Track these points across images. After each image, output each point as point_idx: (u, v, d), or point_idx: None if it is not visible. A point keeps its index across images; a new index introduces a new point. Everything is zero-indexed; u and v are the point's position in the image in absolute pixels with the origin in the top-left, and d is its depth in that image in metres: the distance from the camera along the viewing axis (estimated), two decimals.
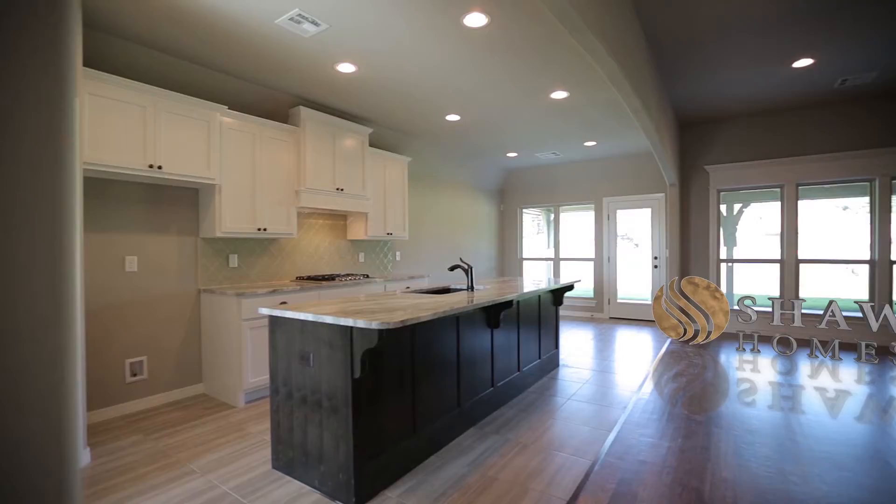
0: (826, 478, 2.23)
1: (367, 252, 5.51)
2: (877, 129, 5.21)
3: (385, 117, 4.99)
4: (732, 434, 2.76)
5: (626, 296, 7.29)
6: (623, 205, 7.25)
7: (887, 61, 4.20)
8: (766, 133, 5.79)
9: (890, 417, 3.07)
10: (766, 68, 4.30)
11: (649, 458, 2.44)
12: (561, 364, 4.44)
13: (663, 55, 4.02)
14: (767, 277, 6.01)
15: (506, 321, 3.33)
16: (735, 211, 6.42)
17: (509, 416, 3.08)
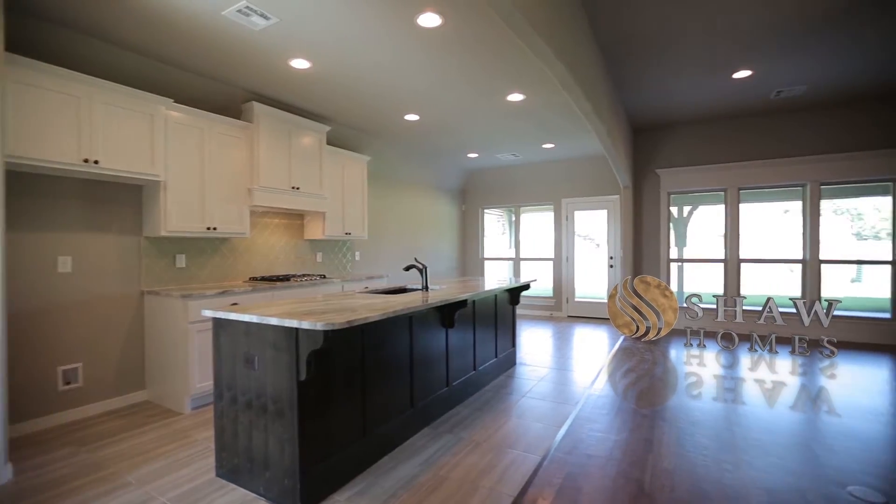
0: (755, 464, 2.37)
1: (326, 252, 5.41)
2: (807, 138, 5.59)
3: (343, 115, 4.92)
4: (675, 426, 2.89)
5: (584, 295, 7.50)
6: (581, 206, 7.46)
7: (814, 77, 4.51)
8: (712, 139, 6.11)
9: (819, 406, 3.30)
10: (709, 78, 4.53)
11: (596, 451, 2.52)
12: (518, 362, 4.52)
13: (615, 62, 4.16)
14: (715, 276, 6.33)
15: (461, 321, 3.35)
16: (685, 213, 6.73)
17: (464, 415, 3.10)
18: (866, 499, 2.03)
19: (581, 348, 5.30)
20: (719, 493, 2.09)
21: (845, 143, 5.41)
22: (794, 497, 2.05)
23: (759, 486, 2.15)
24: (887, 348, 5.11)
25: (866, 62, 4.19)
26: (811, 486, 2.14)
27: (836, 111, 5.43)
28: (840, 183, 5.53)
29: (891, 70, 4.36)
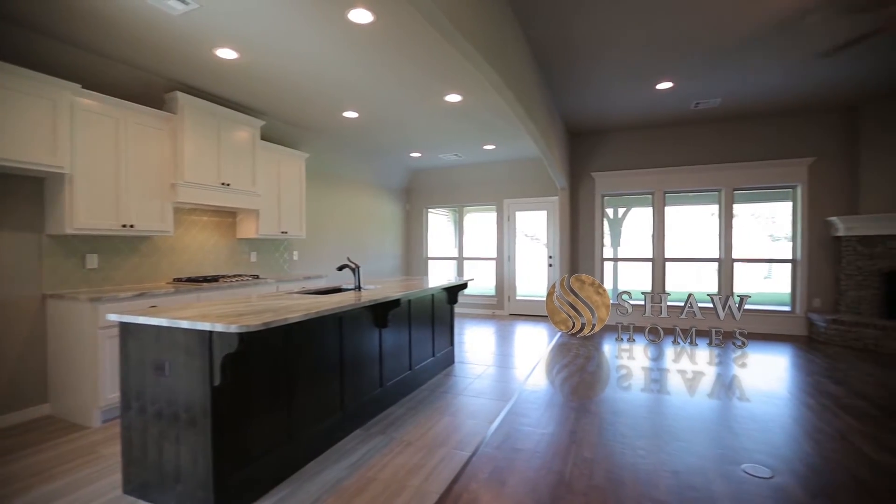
0: (667, 448, 2.54)
1: (261, 251, 5.19)
2: (723, 147, 6.08)
3: (279, 110, 4.74)
4: (600, 417, 3.04)
5: (526, 293, 7.71)
6: (522, 206, 7.66)
7: (728, 91, 4.91)
8: (641, 145, 6.48)
9: (731, 392, 3.59)
10: (636, 88, 4.81)
11: (524, 445, 2.60)
12: (457, 361, 4.57)
13: (549, 68, 4.30)
14: (646, 274, 6.72)
15: (395, 320, 3.33)
16: (620, 214, 7.09)
17: (398, 415, 3.09)
18: (756, 474, 2.24)
19: (519, 345, 5.45)
20: (632, 478, 2.22)
21: (756, 153, 5.93)
22: (697, 477, 2.21)
23: (668, 469, 2.30)
24: (789, 338, 5.66)
25: (773, 81, 4.61)
26: (712, 466, 2.33)
27: (747, 123, 5.94)
28: (751, 188, 6.05)
29: (794, 89, 4.82)
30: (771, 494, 2.07)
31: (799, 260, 5.82)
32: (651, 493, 2.07)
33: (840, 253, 5.49)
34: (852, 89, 4.91)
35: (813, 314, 5.60)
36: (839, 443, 2.64)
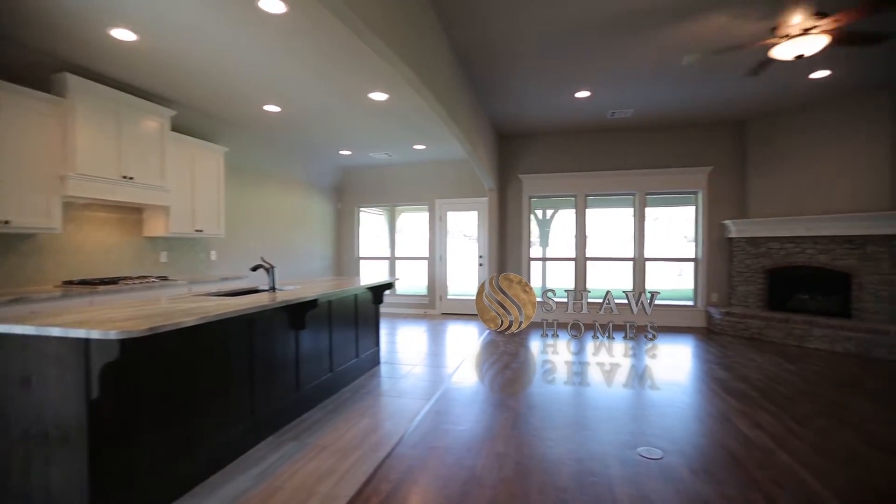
0: (575, 437, 2.68)
1: (173, 251, 4.83)
2: (636, 154, 6.54)
3: (193, 100, 4.44)
4: (517, 411, 3.14)
5: (457, 292, 7.82)
6: (453, 207, 7.75)
7: (638, 103, 5.30)
8: (565, 150, 6.81)
9: (643, 382, 3.86)
10: (556, 94, 5.04)
11: (440, 443, 2.62)
12: (382, 361, 4.53)
13: (474, 70, 4.39)
14: (571, 273, 7.05)
15: (314, 322, 3.23)
16: (549, 215, 7.39)
17: (315, 420, 3.00)
18: (649, 456, 2.43)
19: (448, 344, 5.51)
20: (539, 468, 2.31)
21: (664, 161, 6.45)
22: (597, 463, 2.36)
23: (573, 457, 2.43)
24: (692, 329, 6.21)
25: (677, 96, 5.03)
26: (612, 452, 2.49)
27: (657, 133, 6.44)
28: (661, 193, 6.57)
29: (693, 104, 5.29)
30: (659, 474, 2.25)
31: (700, 259, 6.41)
32: (554, 482, 2.18)
33: (732, 252, 6.12)
34: (740, 107, 5.48)
35: (711, 308, 6.19)
36: (721, 422, 2.93)
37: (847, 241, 4.98)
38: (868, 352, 4.60)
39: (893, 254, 4.66)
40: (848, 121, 5.02)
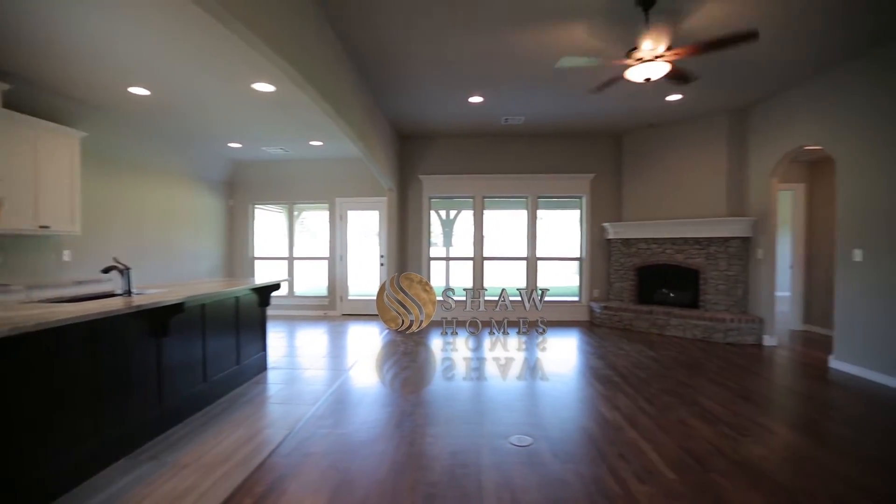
0: (453, 432, 2.77)
1: (11, 251, 4.12)
2: (528, 159, 6.96)
3: (34, 73, 3.81)
4: (403, 409, 3.16)
5: (358, 293, 7.69)
6: (355, 206, 7.61)
7: (528, 111, 5.64)
8: (464, 152, 7.02)
9: (527, 373, 4.10)
10: (452, 98, 5.17)
11: (317, 448, 2.55)
12: (271, 367, 4.29)
13: (372, 71, 4.34)
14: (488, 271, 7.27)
15: (182, 328, 2.96)
16: (452, 215, 7.55)
17: (182, 435, 2.75)
18: (519, 444, 2.59)
19: (346, 345, 5.39)
20: (414, 465, 2.35)
21: (554, 166, 6.94)
22: (470, 455, 2.46)
23: (449, 451, 2.51)
24: (578, 323, 6.76)
25: (562, 108, 5.43)
26: (486, 442, 2.62)
27: (547, 140, 6.91)
28: (551, 197, 7.06)
29: (577, 116, 5.76)
30: (526, 460, 2.41)
31: (583, 258, 7.01)
32: (427, 477, 2.23)
33: (610, 252, 6.79)
34: (616, 122, 6.10)
35: (593, 303, 6.80)
36: (586, 407, 3.23)
37: (696, 242, 5.78)
38: (710, 336, 5.39)
39: (729, 253, 5.50)
40: (699, 139, 5.82)
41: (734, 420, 2.97)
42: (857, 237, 4.03)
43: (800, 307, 6.15)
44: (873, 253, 3.88)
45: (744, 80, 4.58)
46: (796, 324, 6.16)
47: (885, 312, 3.76)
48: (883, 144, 3.76)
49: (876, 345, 3.84)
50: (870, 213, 3.90)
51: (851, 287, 4.09)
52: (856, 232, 4.04)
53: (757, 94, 5.03)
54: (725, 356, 4.69)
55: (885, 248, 3.77)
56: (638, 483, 2.18)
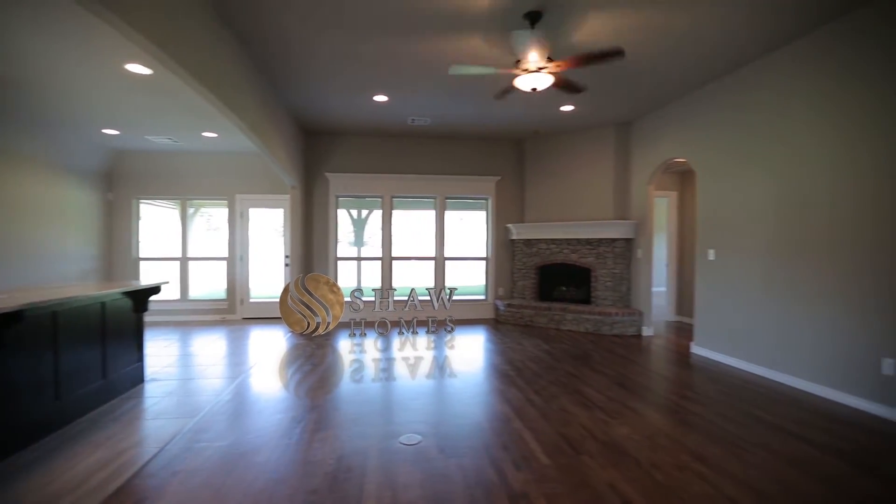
0: (344, 435, 2.72)
1: None
2: (436, 160, 7.07)
3: None
4: (295, 416, 3.04)
5: (261, 295, 7.26)
6: (257, 203, 7.18)
7: (434, 113, 5.71)
8: (372, 151, 6.94)
9: (434, 372, 4.14)
10: (356, 97, 5.07)
11: (189, 464, 2.36)
12: (148, 379, 3.89)
13: (267, 62, 4.11)
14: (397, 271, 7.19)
15: (24, 340, 2.57)
16: (364, 215, 7.40)
17: (24, 463, 2.38)
18: (408, 443, 2.61)
19: (244, 351, 5.06)
20: (297, 472, 2.27)
21: (461, 168, 7.11)
22: (357, 458, 2.43)
23: (335, 455, 2.46)
24: (484, 321, 7.00)
25: (467, 112, 5.58)
26: (375, 444, 2.60)
27: (454, 142, 7.07)
28: (458, 198, 7.23)
29: (482, 120, 5.95)
30: (413, 458, 2.44)
31: (489, 258, 7.28)
32: (307, 485, 2.16)
33: (514, 252, 7.12)
34: (518, 128, 6.41)
35: (498, 301, 7.09)
36: (480, 402, 3.36)
37: (588, 243, 6.27)
38: (599, 329, 5.88)
39: (615, 253, 6.05)
40: (590, 148, 6.32)
41: (608, 405, 3.26)
42: (710, 239, 4.65)
43: (673, 301, 6.95)
44: (722, 252, 4.50)
45: (626, 97, 5.06)
46: (671, 315, 6.95)
47: (731, 304, 4.37)
48: (731, 158, 4.37)
49: (724, 332, 4.45)
50: (720, 219, 4.52)
51: (706, 282, 4.71)
52: (710, 234, 4.66)
53: (637, 111, 5.58)
54: (609, 347, 5.14)
55: (731, 248, 4.39)
56: (515, 471, 2.30)
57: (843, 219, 3.31)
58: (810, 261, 3.58)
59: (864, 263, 3.17)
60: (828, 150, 3.43)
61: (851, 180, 3.26)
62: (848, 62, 3.26)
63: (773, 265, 3.91)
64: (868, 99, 3.13)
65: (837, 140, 3.35)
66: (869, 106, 3.13)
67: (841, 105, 3.32)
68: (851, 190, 3.26)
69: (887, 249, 3.02)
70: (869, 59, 3.12)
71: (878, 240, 3.08)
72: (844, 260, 3.31)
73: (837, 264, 3.36)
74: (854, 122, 3.23)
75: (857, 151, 3.21)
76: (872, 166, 3.11)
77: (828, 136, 3.42)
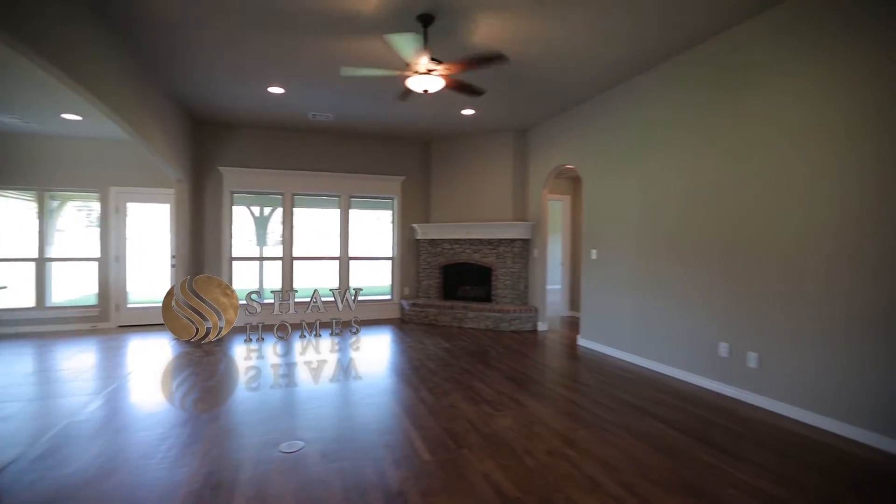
0: (216, 450, 2.53)
1: None
2: (340, 157, 6.90)
3: None
4: (159, 432, 2.76)
5: (142, 299, 6.54)
6: (137, 197, 6.45)
7: (336, 109, 5.57)
8: (272, 145, 6.57)
9: (343, 374, 4.00)
10: (249, 86, 4.76)
11: (16, 501, 2.04)
12: None
13: (144, 41, 3.70)
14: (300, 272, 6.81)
15: None
16: (266, 213, 6.95)
17: None
18: (288, 450, 2.51)
19: (116, 364, 4.50)
20: (150, 497, 2.06)
21: (366, 167, 7.01)
22: (228, 472, 2.28)
23: (204, 471, 2.28)
24: (390, 321, 6.96)
25: (370, 110, 5.49)
26: (251, 455, 2.46)
27: (359, 140, 6.95)
28: (364, 197, 7.12)
29: (387, 120, 5.90)
30: (291, 466, 2.34)
31: (395, 257, 7.28)
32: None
33: (419, 252, 7.19)
34: (424, 129, 6.48)
35: (403, 300, 7.10)
36: (372, 403, 3.33)
37: (489, 243, 6.53)
38: (498, 326, 6.16)
39: (514, 253, 6.37)
40: (492, 151, 6.58)
41: (496, 398, 3.42)
42: (593, 240, 5.09)
43: (567, 297, 7.49)
44: (602, 252, 4.95)
45: (522, 105, 5.34)
46: (565, 311, 7.48)
47: (609, 299, 4.82)
48: (610, 167, 4.81)
49: (604, 325, 4.90)
50: (601, 221, 4.96)
51: (590, 280, 5.14)
52: (593, 236, 5.09)
53: (533, 119, 5.92)
54: (506, 343, 5.40)
55: (609, 248, 4.84)
56: (394, 469, 2.31)
57: (690, 222, 3.81)
58: (665, 260, 4.07)
59: (705, 262, 3.67)
60: (680, 161, 3.92)
61: (697, 188, 3.76)
62: (687, 93, 3.76)
63: (640, 264, 4.38)
64: (710, 121, 3.63)
65: (688, 153, 3.85)
66: (711, 126, 3.63)
67: (690, 125, 3.81)
68: (696, 196, 3.76)
69: (721, 250, 3.53)
70: (696, 95, 3.62)
71: (715, 241, 3.58)
72: (691, 259, 3.81)
73: (687, 263, 3.85)
74: (700, 138, 3.73)
75: (702, 162, 3.71)
76: (713, 179, 3.62)
77: (679, 150, 3.92)
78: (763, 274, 3.24)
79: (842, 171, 2.78)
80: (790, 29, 3.05)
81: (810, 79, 2.94)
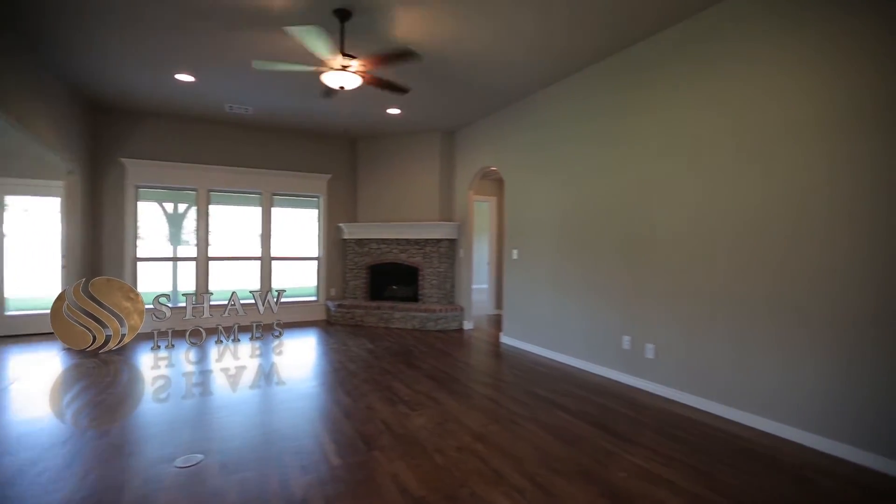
0: (96, 470, 2.31)
1: None
2: (262, 153, 6.59)
3: None
4: (30, 456, 2.47)
5: (25, 305, 5.81)
6: (18, 189, 5.72)
7: (256, 103, 5.30)
8: (183, 138, 6.12)
9: (265, 379, 3.78)
10: (153, 71, 4.39)
11: None
12: None
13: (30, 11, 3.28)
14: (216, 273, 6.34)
15: None
16: (182, 210, 6.42)
17: None
18: (184, 465, 2.34)
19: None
20: None
21: (290, 164, 6.75)
22: (109, 493, 2.08)
23: (80, 495, 2.07)
24: (315, 322, 6.76)
25: (293, 106, 5.28)
26: (140, 473, 2.26)
27: (282, 136, 6.67)
28: (287, 195, 6.84)
29: (312, 116, 5.70)
30: (184, 482, 2.19)
31: (321, 257, 7.07)
32: None
33: (346, 252, 7.05)
34: (350, 127, 6.35)
35: (329, 301, 6.93)
36: (285, 409, 3.20)
37: (416, 243, 6.55)
38: (425, 326, 6.19)
39: (440, 253, 6.44)
40: (419, 152, 6.61)
41: (414, 398, 3.43)
42: (515, 240, 5.28)
43: (493, 296, 7.70)
44: (523, 252, 5.15)
45: (448, 106, 5.40)
46: (491, 309, 7.69)
47: (528, 297, 5.03)
48: (530, 170, 5.02)
49: (523, 322, 5.10)
50: (522, 223, 5.16)
51: (511, 279, 5.33)
52: (514, 236, 5.28)
53: (460, 121, 6.02)
54: (431, 342, 5.44)
55: (529, 248, 5.05)
56: (301, 476, 2.24)
57: (597, 224, 4.08)
58: (577, 259, 4.32)
59: (611, 261, 3.94)
60: (588, 166, 4.18)
61: (600, 193, 4.02)
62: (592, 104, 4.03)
63: (555, 263, 4.61)
64: (611, 130, 3.91)
65: (600, 160, 4.11)
66: (621, 134, 3.91)
67: (597, 133, 4.08)
68: (601, 200, 4.03)
69: (623, 250, 3.81)
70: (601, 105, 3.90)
71: (617, 242, 3.86)
72: (597, 258, 4.07)
73: (594, 262, 4.12)
74: (610, 148, 4.00)
75: (603, 168, 3.99)
76: (620, 186, 3.90)
77: (587, 156, 4.18)
78: (655, 273, 3.55)
79: (693, 177, 3.12)
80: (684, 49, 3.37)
81: (703, 94, 3.26)
